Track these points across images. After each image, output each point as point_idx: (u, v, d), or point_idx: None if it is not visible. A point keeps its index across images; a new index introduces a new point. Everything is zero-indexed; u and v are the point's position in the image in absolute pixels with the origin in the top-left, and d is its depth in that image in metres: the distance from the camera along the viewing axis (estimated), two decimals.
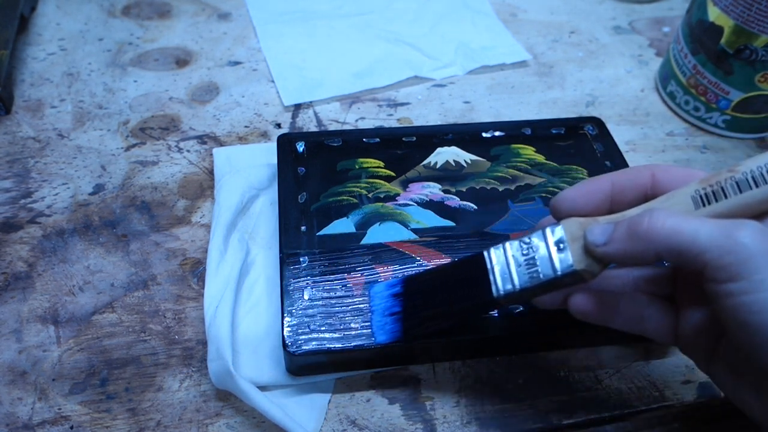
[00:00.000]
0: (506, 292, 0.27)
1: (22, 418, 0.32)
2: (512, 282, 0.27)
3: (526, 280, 0.27)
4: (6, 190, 0.42)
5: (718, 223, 0.23)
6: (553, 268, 0.26)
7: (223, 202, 0.39)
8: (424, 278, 0.32)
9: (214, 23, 0.56)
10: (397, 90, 0.51)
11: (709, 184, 0.25)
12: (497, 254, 0.28)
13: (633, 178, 0.28)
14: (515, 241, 0.28)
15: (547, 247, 0.27)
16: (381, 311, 0.32)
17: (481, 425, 0.33)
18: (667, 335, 0.28)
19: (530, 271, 0.27)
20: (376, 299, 0.33)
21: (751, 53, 0.43)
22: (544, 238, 0.27)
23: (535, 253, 0.27)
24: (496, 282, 0.28)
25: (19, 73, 0.50)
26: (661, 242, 0.23)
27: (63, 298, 0.36)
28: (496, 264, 0.28)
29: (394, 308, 0.32)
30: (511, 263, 0.28)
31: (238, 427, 0.32)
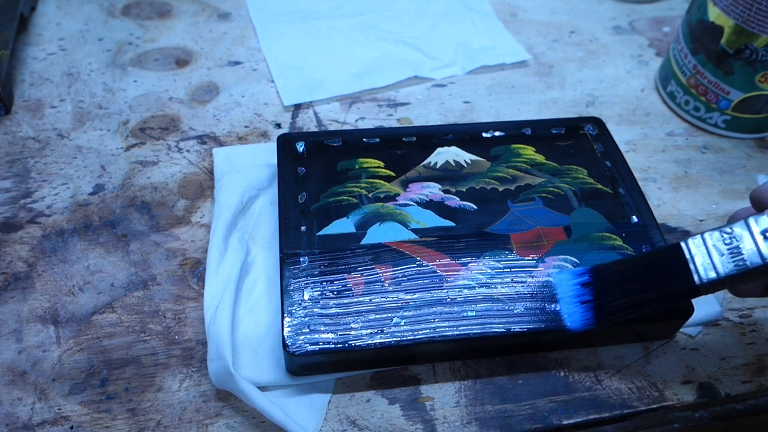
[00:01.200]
0: (709, 280, 0.29)
1: (22, 418, 0.32)
2: (716, 270, 0.29)
3: (731, 268, 0.28)
4: (6, 190, 0.42)
5: None
6: (761, 255, 0.28)
7: (223, 202, 0.39)
8: (613, 268, 0.33)
9: (214, 23, 0.56)
10: (397, 90, 0.51)
11: None
12: (696, 244, 0.30)
13: None
14: (715, 232, 0.29)
15: (752, 236, 0.28)
16: (570, 299, 0.33)
17: (481, 425, 0.33)
18: None
19: (735, 259, 0.28)
20: (563, 287, 0.34)
21: (751, 53, 0.43)
22: (748, 227, 0.28)
23: (739, 242, 0.28)
24: (698, 271, 0.29)
25: (19, 73, 0.50)
26: None
27: (63, 298, 0.36)
28: (696, 254, 0.29)
29: (584, 297, 0.33)
30: (713, 252, 0.29)
31: (238, 427, 0.32)
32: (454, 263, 0.35)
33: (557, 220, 0.38)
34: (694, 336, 0.37)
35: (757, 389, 0.35)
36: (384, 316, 0.33)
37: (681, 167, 0.46)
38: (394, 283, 0.34)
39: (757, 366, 0.36)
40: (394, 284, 0.34)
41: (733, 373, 0.35)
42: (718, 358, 0.36)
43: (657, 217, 0.40)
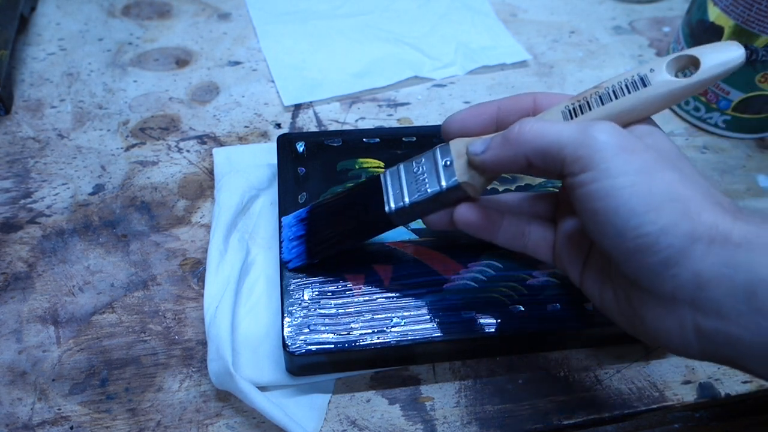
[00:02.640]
0: (398, 208, 0.30)
1: (22, 419, 0.32)
2: (403, 198, 0.30)
3: (416, 196, 0.29)
4: (6, 190, 0.42)
5: (578, 125, 0.25)
6: (439, 182, 0.28)
7: (223, 202, 0.39)
8: (327, 203, 0.34)
9: (214, 23, 0.56)
10: (397, 90, 0.51)
11: (576, 100, 0.27)
12: (391, 173, 0.31)
13: (516, 102, 0.30)
14: (407, 162, 0.30)
15: (435, 165, 0.29)
16: (288, 238, 0.34)
17: (481, 425, 0.33)
18: (545, 252, 0.31)
19: (419, 187, 0.29)
20: (286, 229, 0.34)
21: (751, 53, 0.43)
22: (433, 156, 0.29)
23: (425, 171, 0.29)
24: (389, 200, 0.30)
25: (19, 73, 0.50)
26: (528, 145, 0.25)
27: (63, 299, 0.36)
28: (390, 184, 0.30)
29: (298, 232, 0.33)
30: (403, 181, 0.30)
31: (238, 427, 0.32)
32: (454, 263, 0.35)
33: None
34: None
35: (757, 389, 0.35)
36: (384, 316, 0.33)
37: None
38: (394, 283, 0.34)
39: None
40: (394, 284, 0.34)
41: (733, 373, 0.35)
42: None
43: None
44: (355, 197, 0.32)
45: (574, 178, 0.24)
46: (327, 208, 0.33)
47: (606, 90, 0.27)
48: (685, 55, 0.26)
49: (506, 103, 0.30)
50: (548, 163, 0.25)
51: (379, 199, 0.30)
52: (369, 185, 0.31)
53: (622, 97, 0.26)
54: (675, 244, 0.22)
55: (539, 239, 0.31)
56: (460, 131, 0.30)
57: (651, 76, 0.26)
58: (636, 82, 0.26)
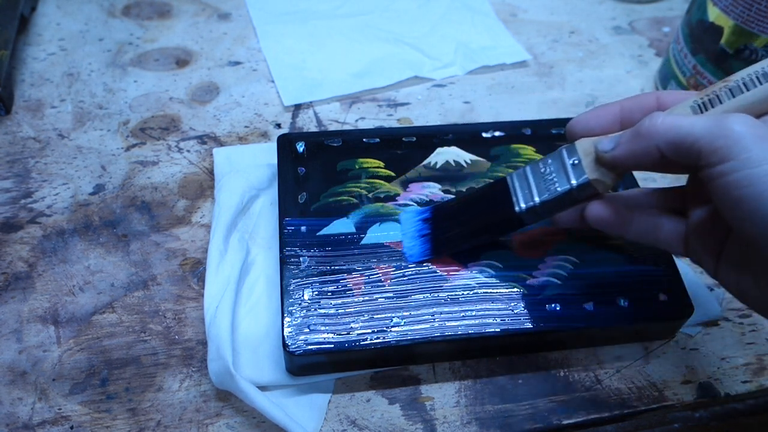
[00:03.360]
0: (527, 207, 0.31)
1: (22, 418, 0.32)
2: (532, 197, 0.31)
3: (545, 194, 0.30)
4: (6, 190, 0.42)
5: (711, 116, 0.25)
6: (569, 180, 0.29)
7: (223, 202, 0.39)
8: (451, 204, 0.36)
9: (214, 23, 0.56)
10: (397, 90, 0.51)
11: (705, 94, 0.27)
12: (518, 175, 0.32)
13: (640, 102, 0.30)
14: (534, 164, 0.32)
15: (563, 164, 0.30)
16: (411, 234, 0.35)
17: (481, 425, 0.33)
18: (677, 244, 0.30)
19: (548, 186, 0.30)
20: (407, 225, 0.36)
21: (751, 53, 0.43)
22: (560, 157, 0.30)
23: (553, 171, 0.30)
24: (518, 200, 0.31)
25: (19, 73, 0.50)
26: (661, 136, 0.26)
27: (63, 298, 0.36)
28: (518, 185, 0.32)
29: (423, 231, 0.35)
30: (532, 182, 0.31)
31: (238, 427, 0.32)
32: (454, 263, 0.35)
33: None
34: (693, 336, 0.37)
35: (757, 389, 0.35)
36: (384, 316, 0.33)
37: None
38: (394, 283, 0.34)
39: (757, 366, 0.36)
40: (394, 284, 0.34)
41: (733, 373, 0.35)
42: (718, 358, 0.36)
43: None
44: (481, 198, 0.34)
45: (713, 169, 0.24)
46: (452, 209, 0.35)
47: (736, 83, 0.27)
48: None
49: (629, 102, 0.30)
50: (682, 155, 0.25)
51: (507, 200, 0.32)
52: (495, 187, 0.33)
53: (753, 89, 0.26)
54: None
55: (671, 232, 0.31)
56: (585, 131, 0.31)
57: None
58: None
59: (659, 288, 0.34)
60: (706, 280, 0.39)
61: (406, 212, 0.37)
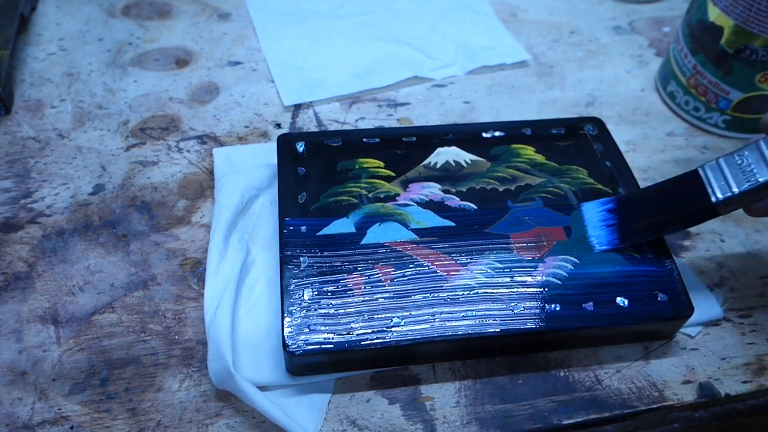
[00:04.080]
0: (725, 197, 0.32)
1: (22, 418, 0.32)
2: (730, 188, 0.31)
3: (745, 186, 0.31)
4: (6, 190, 0.42)
5: None
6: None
7: (223, 202, 0.39)
8: (636, 195, 0.37)
9: (214, 23, 0.56)
10: (397, 90, 0.51)
11: None
12: (711, 167, 0.33)
13: None
14: (729, 156, 0.32)
15: (763, 156, 0.31)
16: (597, 224, 0.36)
17: (481, 425, 0.33)
18: None
19: (747, 176, 0.31)
20: (590, 214, 0.37)
21: (751, 53, 0.43)
22: (758, 148, 0.31)
23: (751, 162, 0.31)
24: (714, 191, 0.32)
25: (19, 73, 0.50)
26: None
27: (63, 298, 0.36)
28: (712, 176, 0.32)
29: (609, 221, 0.36)
30: (727, 173, 0.32)
31: (238, 427, 0.32)
32: (454, 263, 0.35)
33: (557, 220, 0.38)
34: (694, 336, 0.37)
35: (757, 389, 0.35)
36: (384, 316, 0.33)
37: (681, 167, 0.46)
38: (394, 283, 0.34)
39: (757, 366, 0.36)
40: (394, 284, 0.34)
41: (733, 373, 0.35)
42: (718, 358, 0.36)
43: None
44: (671, 190, 0.35)
45: None
46: (639, 200, 0.36)
47: None
48: None
49: None
50: None
51: (701, 191, 0.32)
52: (685, 179, 0.34)
53: None
54: None
55: None
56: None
57: None
58: None
59: (659, 288, 0.34)
60: (706, 280, 0.39)
61: (588, 203, 0.38)
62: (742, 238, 0.42)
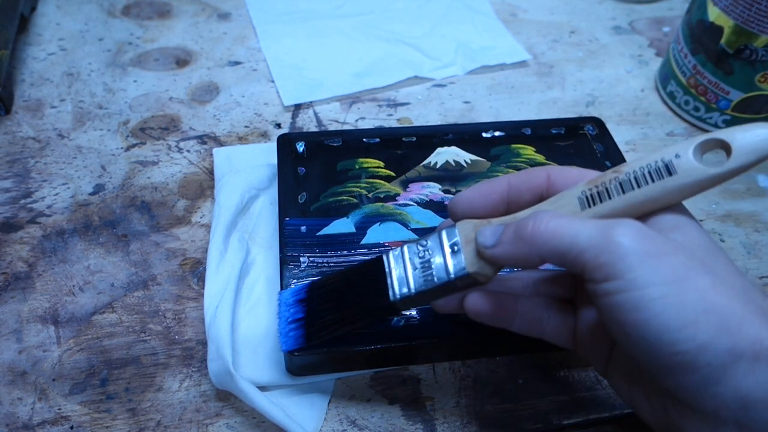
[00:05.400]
0: (402, 296, 0.27)
1: (22, 418, 0.32)
2: (408, 286, 0.27)
3: (422, 283, 0.26)
4: (6, 190, 0.42)
5: (597, 224, 0.23)
6: (447, 271, 0.26)
7: (223, 202, 0.39)
8: (327, 282, 0.30)
9: (214, 23, 0.56)
10: (397, 90, 0.51)
11: (595, 185, 0.25)
12: (395, 257, 0.28)
13: (529, 180, 0.28)
14: (412, 244, 0.27)
15: (442, 250, 0.26)
16: (285, 318, 0.31)
17: (481, 425, 0.33)
18: (565, 339, 0.28)
19: (425, 274, 0.26)
20: (283, 306, 0.31)
21: (751, 53, 0.43)
22: (440, 240, 0.27)
23: (431, 256, 0.27)
24: (393, 286, 0.27)
25: (19, 73, 0.50)
26: (544, 245, 0.23)
27: (63, 298, 0.36)
28: (394, 268, 0.27)
29: (297, 314, 0.30)
30: (408, 267, 0.27)
31: (238, 427, 0.32)
32: None
33: None
34: None
35: None
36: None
37: None
38: None
39: None
40: None
41: None
42: None
43: None
44: (358, 279, 0.29)
45: (597, 286, 0.22)
46: (326, 289, 0.30)
47: (627, 176, 0.25)
48: (713, 139, 0.23)
49: (517, 179, 0.28)
50: (566, 265, 0.23)
51: (382, 285, 0.27)
52: (371, 268, 0.29)
53: (644, 186, 0.24)
54: (714, 362, 0.21)
55: (558, 326, 0.28)
56: (468, 212, 0.28)
57: (677, 164, 0.24)
58: (660, 170, 0.24)
59: None
60: None
61: (283, 292, 0.32)
62: (742, 238, 0.42)
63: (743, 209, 0.44)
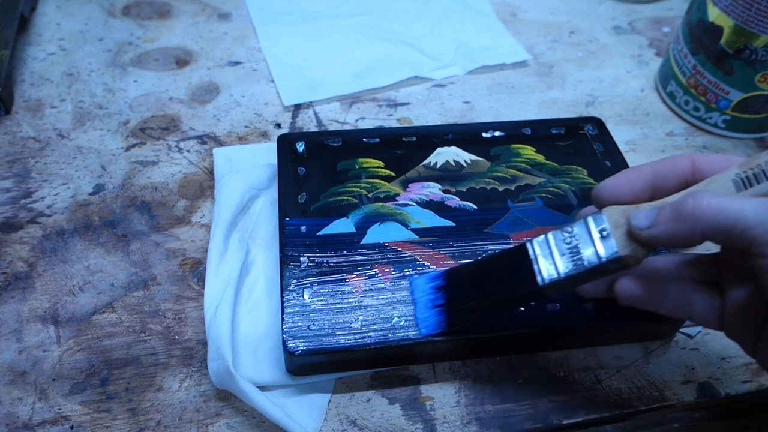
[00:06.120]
0: (551, 281, 0.28)
1: (22, 418, 0.32)
2: (557, 270, 0.28)
3: (571, 268, 0.28)
4: (6, 190, 0.42)
5: (762, 201, 0.23)
6: (597, 255, 0.27)
7: (223, 202, 0.39)
8: (466, 270, 0.32)
9: (214, 23, 0.56)
10: (397, 90, 0.51)
11: (749, 167, 0.26)
12: (540, 244, 0.29)
13: (673, 166, 0.28)
14: (557, 231, 0.29)
15: (590, 235, 0.27)
16: (424, 304, 0.32)
17: (481, 425, 0.33)
18: (713, 320, 0.29)
19: (574, 259, 0.28)
20: (418, 292, 0.33)
21: (751, 53, 0.43)
22: (587, 226, 0.28)
23: (578, 242, 0.28)
24: (540, 271, 0.28)
25: (19, 73, 0.50)
26: (707, 221, 0.24)
27: (63, 298, 0.36)
28: (540, 254, 0.29)
29: (437, 300, 0.32)
30: (555, 253, 0.28)
31: (238, 427, 0.32)
32: (454, 263, 0.35)
33: (557, 220, 0.38)
34: (693, 336, 0.37)
35: (757, 389, 0.35)
36: (384, 315, 0.33)
37: None
38: (394, 283, 0.34)
39: (757, 366, 0.36)
40: (394, 284, 0.34)
41: (733, 373, 0.35)
42: (718, 358, 0.36)
43: None
44: (500, 266, 0.31)
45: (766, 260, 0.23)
46: (467, 276, 0.32)
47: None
48: None
49: (662, 166, 0.28)
50: (730, 241, 0.24)
51: (528, 271, 0.29)
52: (513, 255, 0.30)
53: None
54: None
55: (706, 307, 0.28)
56: (614, 198, 0.29)
57: None
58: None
59: None
60: None
61: (417, 278, 0.34)
62: None
63: None
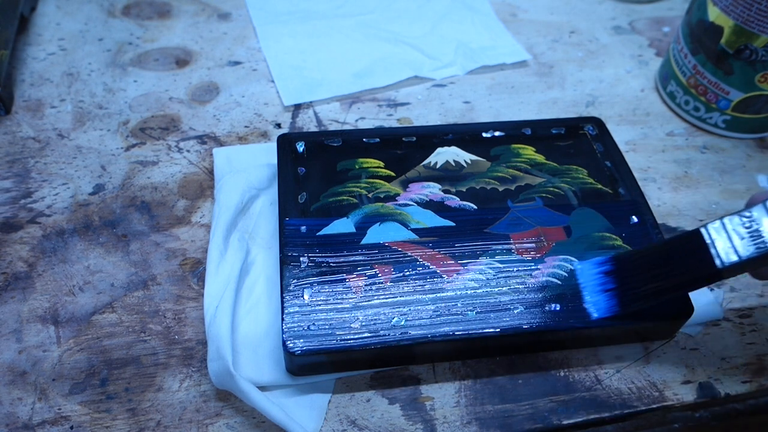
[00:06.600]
0: (730, 263, 0.29)
1: (22, 418, 0.32)
2: (737, 253, 0.29)
3: (752, 251, 0.29)
4: (6, 190, 0.42)
5: None
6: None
7: (223, 202, 0.39)
8: (635, 256, 0.34)
9: (214, 23, 0.56)
10: (397, 90, 0.51)
11: None
12: (716, 229, 0.30)
13: None
14: (734, 216, 0.30)
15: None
16: (593, 288, 0.34)
17: (481, 425, 0.33)
18: None
19: (756, 242, 0.29)
20: (584, 277, 0.34)
21: (751, 53, 0.43)
22: (766, 209, 0.29)
23: (758, 225, 0.29)
24: (719, 254, 0.29)
25: (19, 73, 0.50)
26: None
27: (63, 298, 0.36)
28: (717, 238, 0.30)
29: (607, 285, 0.33)
30: (733, 236, 0.29)
31: (238, 427, 0.32)
32: (454, 263, 0.35)
33: (557, 220, 0.38)
34: (694, 336, 0.37)
35: (757, 389, 0.35)
36: (384, 316, 0.33)
37: (681, 167, 0.46)
38: (394, 283, 0.34)
39: (757, 366, 0.36)
40: (394, 284, 0.34)
41: (733, 373, 0.35)
42: (718, 358, 0.36)
43: (657, 217, 0.40)
44: (670, 252, 0.32)
45: None
46: (638, 262, 0.33)
47: None
48: None
49: None
50: None
51: (704, 255, 0.30)
52: (687, 240, 0.31)
53: None
54: None
55: None
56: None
57: None
58: None
59: None
60: None
61: (583, 263, 0.35)
62: None
63: None
